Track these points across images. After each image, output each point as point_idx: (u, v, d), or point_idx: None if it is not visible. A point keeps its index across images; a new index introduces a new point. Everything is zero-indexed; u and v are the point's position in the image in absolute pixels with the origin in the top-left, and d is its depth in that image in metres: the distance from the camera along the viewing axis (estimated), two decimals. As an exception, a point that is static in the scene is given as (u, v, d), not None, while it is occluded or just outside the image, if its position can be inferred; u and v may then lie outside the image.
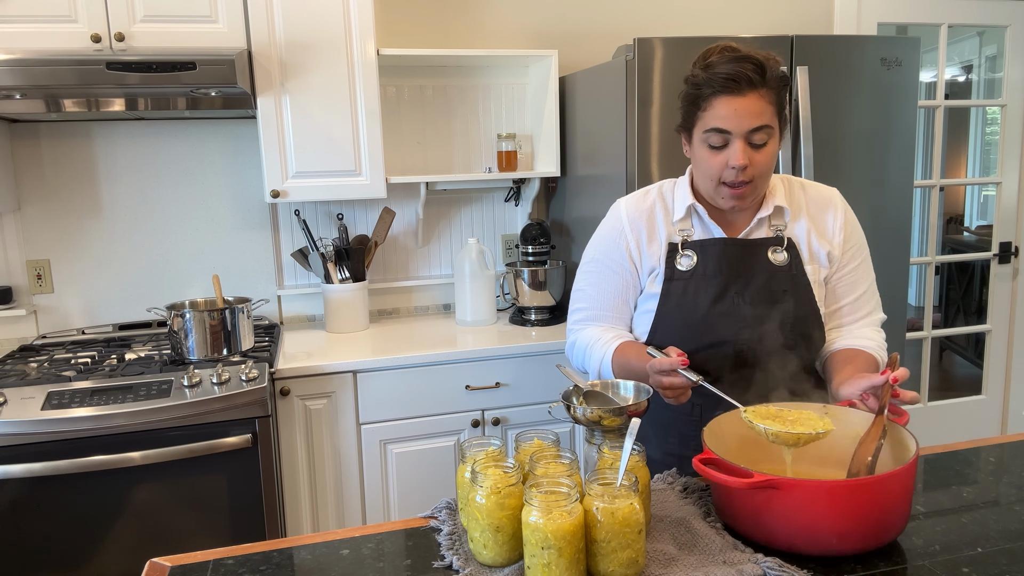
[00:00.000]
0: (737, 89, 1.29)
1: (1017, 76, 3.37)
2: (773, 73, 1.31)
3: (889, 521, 1.07)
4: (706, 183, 1.40)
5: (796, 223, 1.47)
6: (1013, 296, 3.57)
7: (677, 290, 1.44)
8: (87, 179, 2.60)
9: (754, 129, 1.31)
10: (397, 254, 2.92)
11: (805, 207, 1.48)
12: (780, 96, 1.34)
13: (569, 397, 1.27)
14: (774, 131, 1.34)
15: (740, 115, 1.30)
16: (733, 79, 1.29)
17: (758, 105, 1.30)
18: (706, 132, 1.34)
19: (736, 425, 1.26)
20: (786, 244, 1.44)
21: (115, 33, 2.20)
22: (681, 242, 1.45)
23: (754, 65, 1.29)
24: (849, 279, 1.50)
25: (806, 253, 1.46)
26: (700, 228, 1.46)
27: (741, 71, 1.28)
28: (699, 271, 1.43)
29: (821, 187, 1.52)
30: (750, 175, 1.34)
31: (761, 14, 3.11)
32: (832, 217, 1.48)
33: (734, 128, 1.31)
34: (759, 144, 1.33)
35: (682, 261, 1.44)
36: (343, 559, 1.14)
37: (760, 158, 1.34)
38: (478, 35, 2.86)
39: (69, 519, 2.00)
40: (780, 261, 1.43)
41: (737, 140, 1.32)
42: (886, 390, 1.22)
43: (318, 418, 2.31)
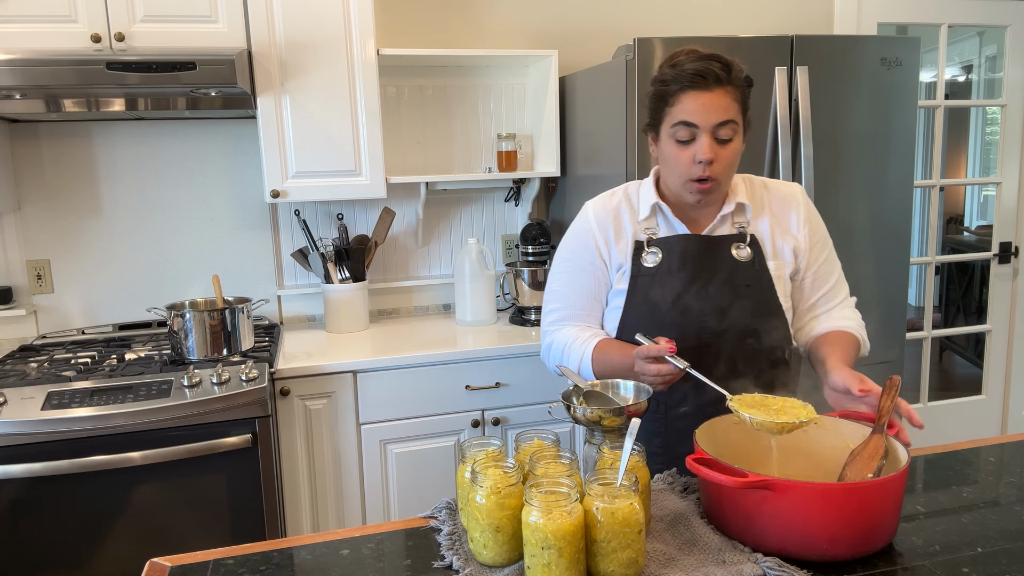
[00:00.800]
0: (704, 84, 1.34)
1: (1017, 76, 3.37)
2: (738, 73, 1.38)
3: (880, 527, 1.07)
4: (673, 179, 1.44)
5: (759, 220, 1.51)
6: (1013, 296, 3.57)
7: (643, 286, 1.48)
8: (87, 179, 2.60)
9: (720, 123, 1.36)
10: (397, 254, 2.92)
11: (768, 205, 1.52)
12: (744, 96, 1.40)
13: (569, 397, 1.27)
14: (739, 128, 1.39)
15: (707, 109, 1.35)
16: (701, 75, 1.34)
17: (724, 101, 1.35)
18: (674, 126, 1.38)
19: (728, 428, 1.27)
20: (749, 240, 1.48)
21: (115, 33, 2.20)
22: (647, 240, 1.50)
23: (721, 64, 1.35)
24: (822, 270, 1.55)
25: (769, 249, 1.50)
26: (665, 226, 1.51)
27: (708, 68, 1.34)
28: (664, 267, 1.47)
29: (782, 184, 1.57)
30: (716, 170, 1.38)
31: (761, 14, 3.11)
32: (795, 214, 1.52)
33: (701, 122, 1.36)
34: (725, 139, 1.38)
35: (647, 258, 1.48)
36: (343, 559, 1.14)
37: (725, 153, 1.38)
38: (478, 35, 2.86)
39: (69, 519, 2.00)
40: (743, 257, 1.47)
41: (704, 134, 1.36)
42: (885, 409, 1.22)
43: (318, 418, 2.31)
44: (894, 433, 1.20)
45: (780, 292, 1.49)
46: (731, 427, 1.28)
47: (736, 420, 1.29)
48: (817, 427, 1.28)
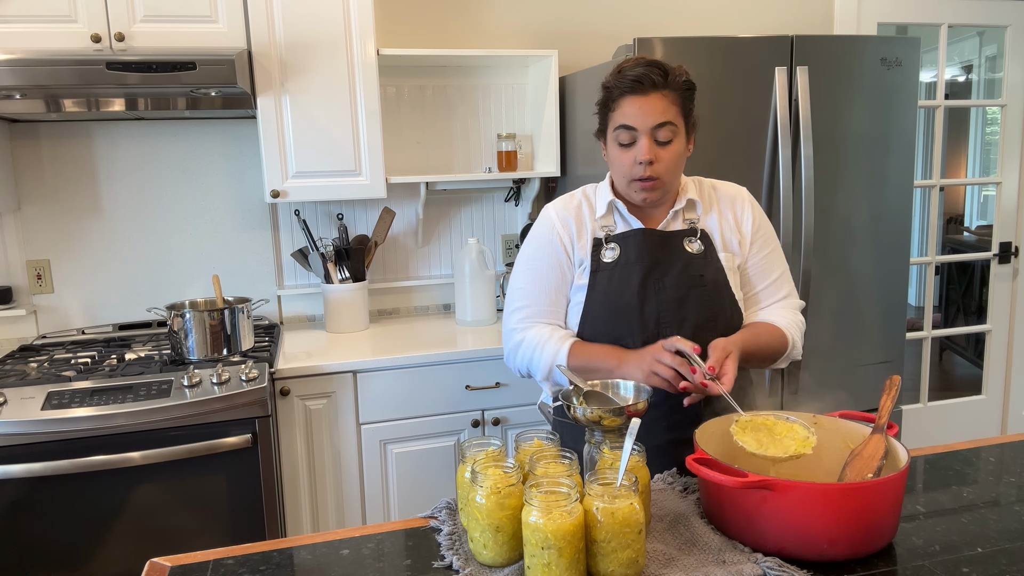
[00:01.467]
0: (642, 89, 1.43)
1: (1017, 76, 3.37)
2: (675, 77, 1.45)
3: (880, 527, 1.07)
4: (620, 180, 1.52)
5: (708, 216, 1.58)
6: (1013, 296, 3.57)
7: (603, 280, 1.53)
8: (87, 179, 2.60)
9: (657, 126, 1.43)
10: (397, 254, 2.92)
11: (715, 203, 1.59)
12: (684, 99, 1.47)
13: (569, 397, 1.27)
14: (679, 130, 1.46)
15: (645, 112, 1.43)
16: (639, 80, 1.42)
17: (661, 104, 1.43)
18: (616, 130, 1.47)
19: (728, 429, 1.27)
20: (700, 235, 1.54)
21: (115, 33, 2.20)
22: (605, 236, 1.55)
23: (659, 69, 1.43)
24: (763, 264, 1.60)
25: (719, 242, 1.57)
26: (621, 223, 1.57)
27: (646, 74, 1.42)
28: (622, 260, 1.52)
29: (730, 185, 1.64)
30: (657, 170, 1.45)
31: (761, 14, 3.11)
32: (740, 209, 1.59)
33: (639, 124, 1.43)
34: (664, 141, 1.45)
35: (606, 253, 1.54)
36: (343, 559, 1.14)
37: (665, 154, 1.45)
38: (478, 35, 2.86)
39: (69, 519, 2.00)
40: (696, 250, 1.53)
41: (643, 136, 1.44)
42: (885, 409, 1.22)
43: (318, 418, 2.31)
44: (894, 433, 1.21)
45: (732, 283, 1.55)
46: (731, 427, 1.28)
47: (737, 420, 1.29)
48: (817, 427, 1.28)
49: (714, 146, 2.27)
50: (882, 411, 1.22)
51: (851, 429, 1.25)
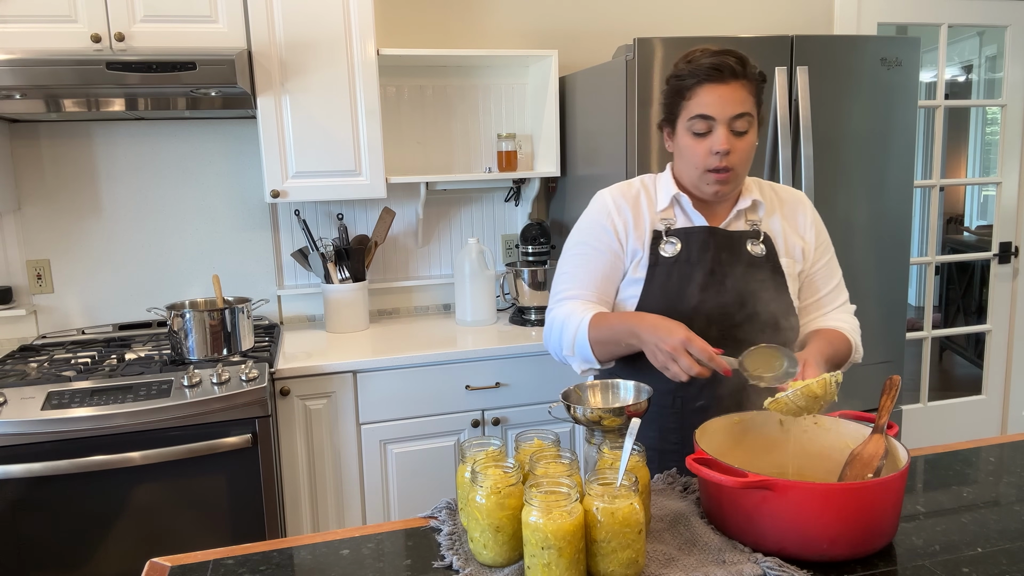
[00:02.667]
0: (720, 78, 1.37)
1: (1017, 76, 3.37)
2: (752, 67, 1.40)
3: (881, 527, 1.07)
4: (690, 171, 1.46)
5: (771, 219, 1.54)
6: (1013, 296, 3.57)
7: (661, 276, 1.48)
8: (87, 179, 2.60)
9: (736, 116, 1.38)
10: (397, 254, 2.92)
11: (778, 205, 1.56)
12: (758, 90, 1.43)
13: (569, 397, 1.27)
14: (754, 121, 1.42)
15: (724, 102, 1.38)
16: (717, 68, 1.37)
17: (740, 94, 1.38)
18: (691, 120, 1.41)
19: (728, 428, 1.27)
20: (763, 237, 1.51)
21: (115, 33, 2.20)
22: (665, 229, 1.50)
23: (736, 58, 1.38)
24: (823, 273, 1.58)
25: (782, 247, 1.53)
26: (682, 218, 1.52)
27: (724, 62, 1.37)
28: (683, 257, 1.47)
29: (790, 189, 1.61)
30: (732, 161, 1.41)
31: (761, 14, 3.11)
32: (803, 216, 1.57)
33: (718, 114, 1.38)
34: (740, 132, 1.40)
35: (666, 248, 1.48)
36: (343, 559, 1.14)
37: (741, 145, 1.41)
38: (478, 35, 2.86)
39: (69, 519, 2.00)
40: (758, 252, 1.49)
41: (720, 126, 1.39)
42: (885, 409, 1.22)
43: (318, 418, 2.31)
44: (894, 433, 1.20)
45: (791, 289, 1.51)
46: (731, 427, 1.28)
47: (736, 420, 1.29)
48: (817, 427, 1.28)
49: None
50: (882, 411, 1.22)
51: (851, 429, 1.25)
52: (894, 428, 1.22)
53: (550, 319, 1.55)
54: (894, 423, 1.22)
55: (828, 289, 1.58)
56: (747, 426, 1.29)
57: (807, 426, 1.29)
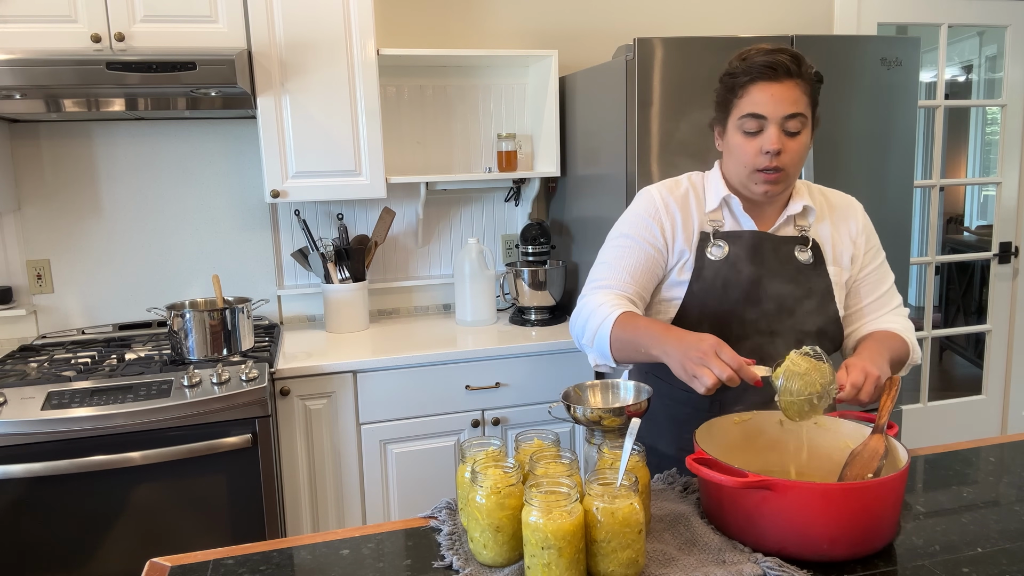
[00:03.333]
0: (774, 76, 1.34)
1: (1017, 76, 3.37)
2: (808, 67, 1.36)
3: (880, 528, 1.07)
4: (739, 170, 1.42)
5: (820, 225, 1.50)
6: (1013, 296, 3.57)
7: (707, 278, 1.45)
8: (87, 179, 2.60)
9: (789, 116, 1.35)
10: (397, 254, 2.92)
11: (827, 211, 1.52)
12: (814, 91, 1.39)
13: (569, 397, 1.27)
14: (808, 121, 1.38)
15: (776, 100, 1.34)
16: (771, 66, 1.33)
17: (794, 93, 1.34)
18: (742, 118, 1.38)
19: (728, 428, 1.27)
20: (811, 244, 1.47)
21: (115, 33, 2.20)
22: (713, 232, 1.47)
23: (791, 56, 1.34)
24: (873, 278, 1.54)
25: (830, 255, 1.49)
26: (730, 220, 1.49)
27: (778, 60, 1.33)
28: (730, 261, 1.44)
29: (841, 194, 1.57)
30: (783, 161, 1.37)
31: (761, 14, 3.11)
32: (853, 222, 1.53)
33: (770, 113, 1.35)
34: (793, 132, 1.36)
35: (713, 250, 1.45)
36: (343, 559, 1.14)
37: (793, 146, 1.37)
38: (478, 35, 2.86)
39: (69, 519, 2.00)
40: (806, 259, 1.46)
41: (772, 125, 1.35)
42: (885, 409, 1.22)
43: (318, 418, 2.31)
44: (894, 433, 1.20)
45: (837, 298, 1.48)
46: (731, 427, 1.28)
47: (737, 420, 1.29)
48: (817, 427, 1.28)
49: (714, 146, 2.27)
50: (882, 411, 1.22)
51: (851, 429, 1.25)
52: (894, 428, 1.22)
53: (581, 304, 1.49)
54: (894, 423, 1.22)
55: (879, 294, 1.54)
56: (747, 426, 1.29)
57: (807, 426, 1.29)
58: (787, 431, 1.30)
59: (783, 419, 1.30)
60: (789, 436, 1.30)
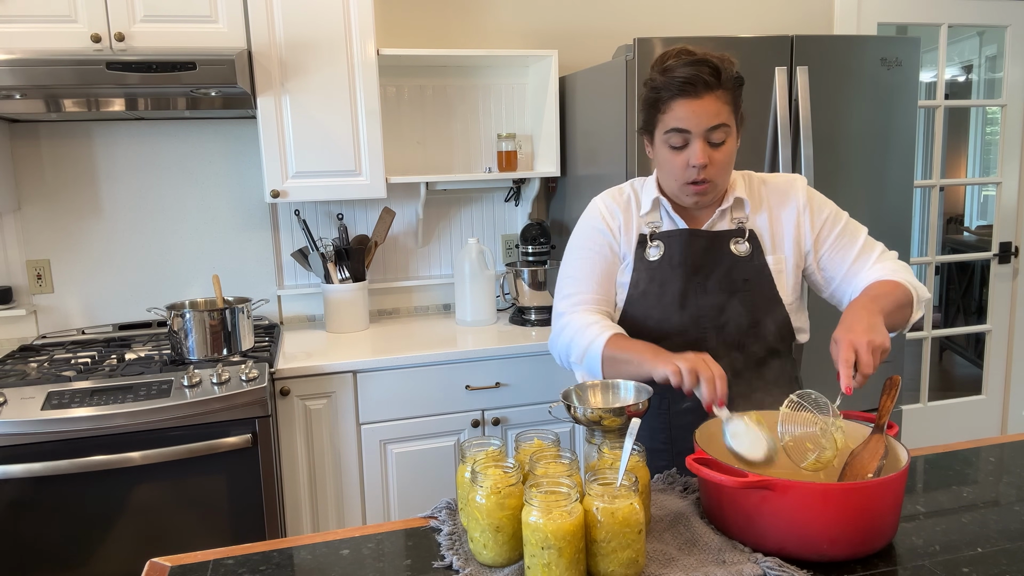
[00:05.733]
0: (694, 92, 1.35)
1: (1017, 76, 3.37)
2: (728, 75, 1.37)
3: (880, 527, 1.07)
4: (669, 182, 1.46)
5: (757, 215, 1.52)
6: (1013, 296, 3.57)
7: (644, 279, 1.50)
8: (87, 179, 2.60)
9: (712, 128, 1.37)
10: (397, 254, 2.92)
11: (766, 200, 1.54)
12: (735, 96, 1.41)
13: (569, 397, 1.27)
14: (731, 129, 1.41)
15: (698, 116, 1.36)
16: (690, 82, 1.35)
17: (714, 106, 1.36)
18: (667, 133, 1.40)
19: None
20: (748, 235, 1.50)
21: (115, 33, 2.20)
22: (650, 233, 1.51)
23: (710, 68, 1.35)
24: (842, 243, 1.52)
25: (768, 243, 1.51)
26: (667, 221, 1.53)
27: (697, 75, 1.34)
28: (665, 261, 1.49)
29: (781, 177, 1.58)
30: (711, 173, 1.40)
31: (761, 14, 3.11)
32: (793, 203, 1.52)
33: (693, 128, 1.37)
34: (717, 143, 1.39)
35: (650, 252, 1.50)
36: (343, 559, 1.14)
37: (719, 156, 1.40)
38: (478, 35, 2.86)
39: (69, 519, 2.00)
40: (742, 252, 1.49)
41: (696, 140, 1.38)
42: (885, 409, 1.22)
43: (318, 418, 2.31)
44: (894, 433, 1.20)
45: (780, 286, 1.50)
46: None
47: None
48: None
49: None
50: (882, 411, 1.22)
51: (851, 429, 1.25)
52: (894, 428, 1.22)
53: (560, 324, 1.53)
54: (894, 423, 1.22)
55: (855, 253, 1.51)
56: None
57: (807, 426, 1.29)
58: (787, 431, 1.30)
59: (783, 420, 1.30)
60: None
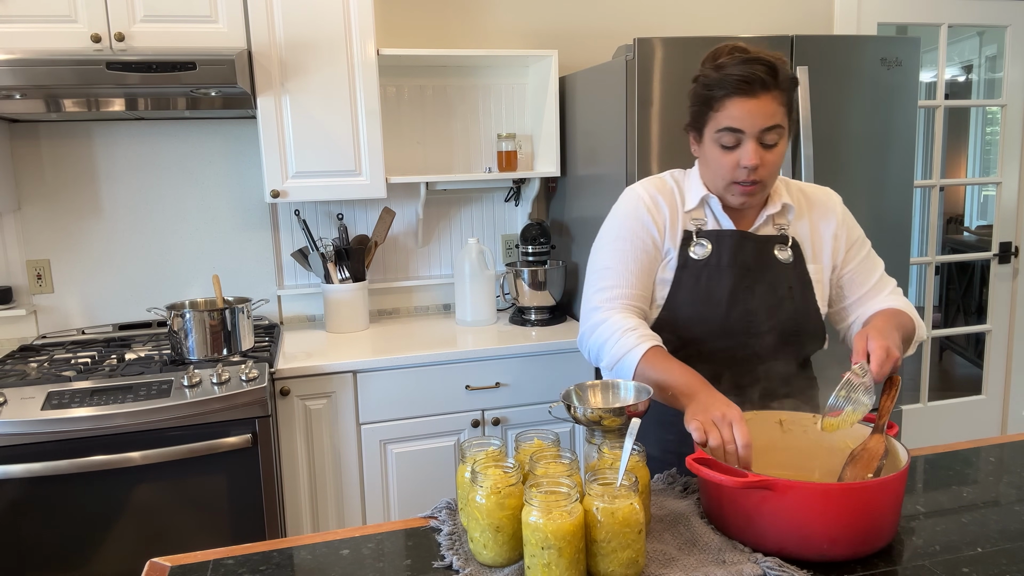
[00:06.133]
0: (750, 91, 1.32)
1: (1017, 76, 3.37)
2: (784, 75, 1.34)
3: (880, 527, 1.07)
4: (717, 181, 1.42)
5: (799, 223, 1.50)
6: (1013, 296, 3.57)
7: (690, 278, 1.45)
8: (87, 179, 2.60)
9: (766, 129, 1.34)
10: (397, 254, 2.92)
11: (806, 209, 1.52)
12: (790, 97, 1.37)
13: (569, 397, 1.27)
14: (784, 131, 1.37)
15: (753, 116, 1.32)
16: (746, 81, 1.31)
17: (770, 106, 1.33)
18: (718, 132, 1.36)
19: None
20: (791, 243, 1.47)
21: (115, 33, 2.20)
22: (696, 230, 1.46)
23: (765, 67, 1.31)
24: (862, 268, 1.53)
25: (809, 252, 1.49)
26: (711, 219, 1.48)
27: (754, 73, 1.31)
28: (713, 261, 1.44)
29: (817, 189, 1.56)
30: (761, 174, 1.37)
31: (761, 14, 3.11)
32: (833, 216, 1.52)
33: (747, 128, 1.33)
34: (770, 144, 1.36)
35: (696, 250, 1.45)
36: (343, 559, 1.14)
37: (771, 157, 1.36)
38: (478, 35, 2.86)
39: (69, 519, 2.00)
40: (785, 258, 1.46)
41: (749, 140, 1.34)
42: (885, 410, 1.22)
43: (318, 418, 2.31)
44: (894, 433, 1.20)
45: (817, 295, 1.48)
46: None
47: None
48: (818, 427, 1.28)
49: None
50: (882, 411, 1.22)
51: (851, 429, 1.25)
52: (894, 428, 1.22)
53: (594, 321, 1.44)
54: (894, 423, 1.22)
55: (872, 283, 1.52)
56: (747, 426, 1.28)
57: (807, 426, 1.29)
58: (787, 431, 1.30)
59: (783, 419, 1.30)
60: (789, 436, 1.30)
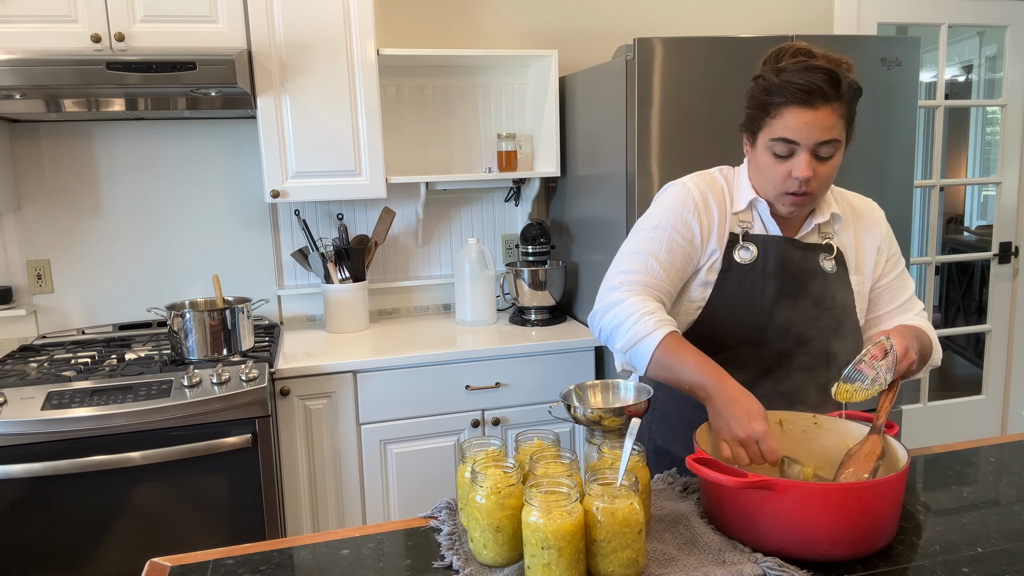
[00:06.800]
0: (809, 102, 1.26)
1: (1017, 76, 3.37)
2: (847, 85, 1.28)
3: (880, 527, 1.07)
4: (766, 188, 1.38)
5: (843, 233, 1.46)
6: (1013, 296, 3.57)
7: (733, 282, 1.40)
8: (87, 179, 2.60)
9: (822, 142, 1.28)
10: (397, 254, 2.92)
11: (851, 219, 1.47)
12: (851, 109, 1.31)
13: (569, 397, 1.27)
14: (841, 144, 1.32)
15: (810, 128, 1.27)
16: (807, 91, 1.25)
17: (829, 119, 1.27)
18: (773, 140, 1.31)
19: None
20: (835, 253, 1.43)
21: (115, 33, 2.20)
22: (743, 233, 1.41)
23: (829, 76, 1.26)
24: (895, 285, 1.50)
25: (852, 263, 1.45)
26: (758, 222, 1.43)
27: (814, 83, 1.25)
28: (758, 267, 1.40)
29: (863, 200, 1.52)
30: (812, 186, 1.32)
31: (761, 14, 3.11)
32: (878, 230, 1.48)
33: (803, 140, 1.28)
34: (825, 157, 1.30)
35: (741, 253, 1.40)
36: (343, 559, 1.14)
37: (824, 170, 1.31)
38: (478, 35, 2.86)
39: (69, 519, 2.00)
40: (830, 268, 1.42)
41: (803, 151, 1.29)
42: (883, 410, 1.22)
43: (318, 418, 2.31)
44: (894, 433, 1.20)
45: (858, 308, 1.45)
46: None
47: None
48: (817, 427, 1.28)
49: (714, 147, 2.27)
50: (880, 411, 1.22)
51: (851, 429, 1.25)
52: (894, 428, 1.22)
53: (610, 300, 1.36)
54: (894, 423, 1.22)
55: (901, 301, 1.49)
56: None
57: (807, 426, 1.29)
58: (787, 431, 1.30)
59: (783, 419, 1.30)
60: (789, 437, 1.30)
